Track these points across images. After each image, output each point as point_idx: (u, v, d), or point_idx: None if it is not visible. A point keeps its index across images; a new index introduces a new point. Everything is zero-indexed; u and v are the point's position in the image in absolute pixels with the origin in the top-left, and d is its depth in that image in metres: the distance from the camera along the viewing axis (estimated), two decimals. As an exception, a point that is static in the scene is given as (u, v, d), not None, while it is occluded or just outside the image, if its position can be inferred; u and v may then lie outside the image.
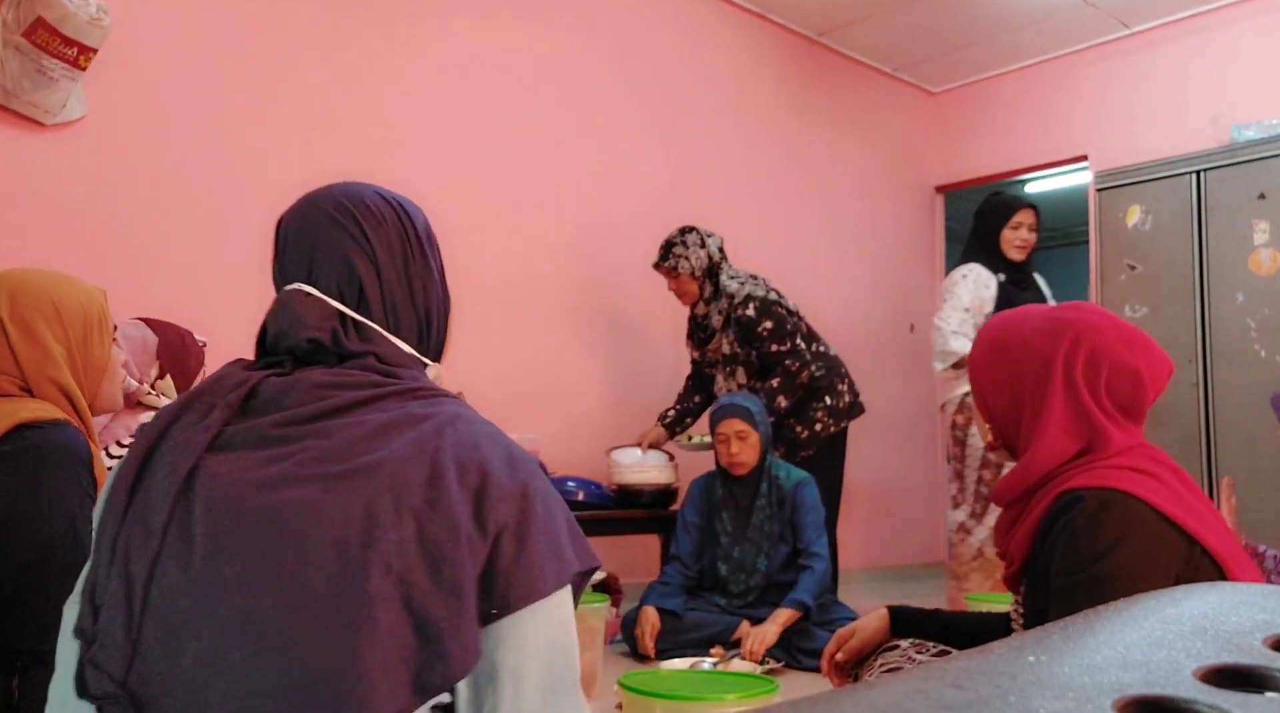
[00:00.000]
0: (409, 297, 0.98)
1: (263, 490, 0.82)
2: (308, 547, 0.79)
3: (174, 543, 0.82)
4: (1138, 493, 1.21)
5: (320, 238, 0.96)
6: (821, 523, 3.19)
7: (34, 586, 1.33)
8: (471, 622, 0.79)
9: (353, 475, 0.82)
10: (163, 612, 0.80)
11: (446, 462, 0.83)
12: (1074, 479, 1.26)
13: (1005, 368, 1.36)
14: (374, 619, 0.76)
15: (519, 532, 0.82)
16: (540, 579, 0.82)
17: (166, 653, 0.78)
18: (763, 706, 1.64)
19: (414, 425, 0.85)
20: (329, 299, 0.94)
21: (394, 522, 0.79)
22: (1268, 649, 0.32)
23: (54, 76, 2.72)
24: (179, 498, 0.83)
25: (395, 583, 0.78)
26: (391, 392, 0.89)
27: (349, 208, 0.97)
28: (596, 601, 2.47)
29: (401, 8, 3.62)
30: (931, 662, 0.82)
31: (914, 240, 5.78)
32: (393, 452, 0.83)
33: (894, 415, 5.48)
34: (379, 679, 0.75)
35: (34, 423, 1.40)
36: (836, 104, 5.32)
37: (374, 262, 0.95)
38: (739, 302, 3.50)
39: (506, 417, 3.65)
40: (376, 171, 3.47)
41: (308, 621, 0.77)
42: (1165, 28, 4.93)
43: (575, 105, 4.13)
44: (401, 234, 0.98)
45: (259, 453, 0.85)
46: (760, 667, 2.80)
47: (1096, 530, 1.19)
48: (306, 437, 0.85)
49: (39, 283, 1.51)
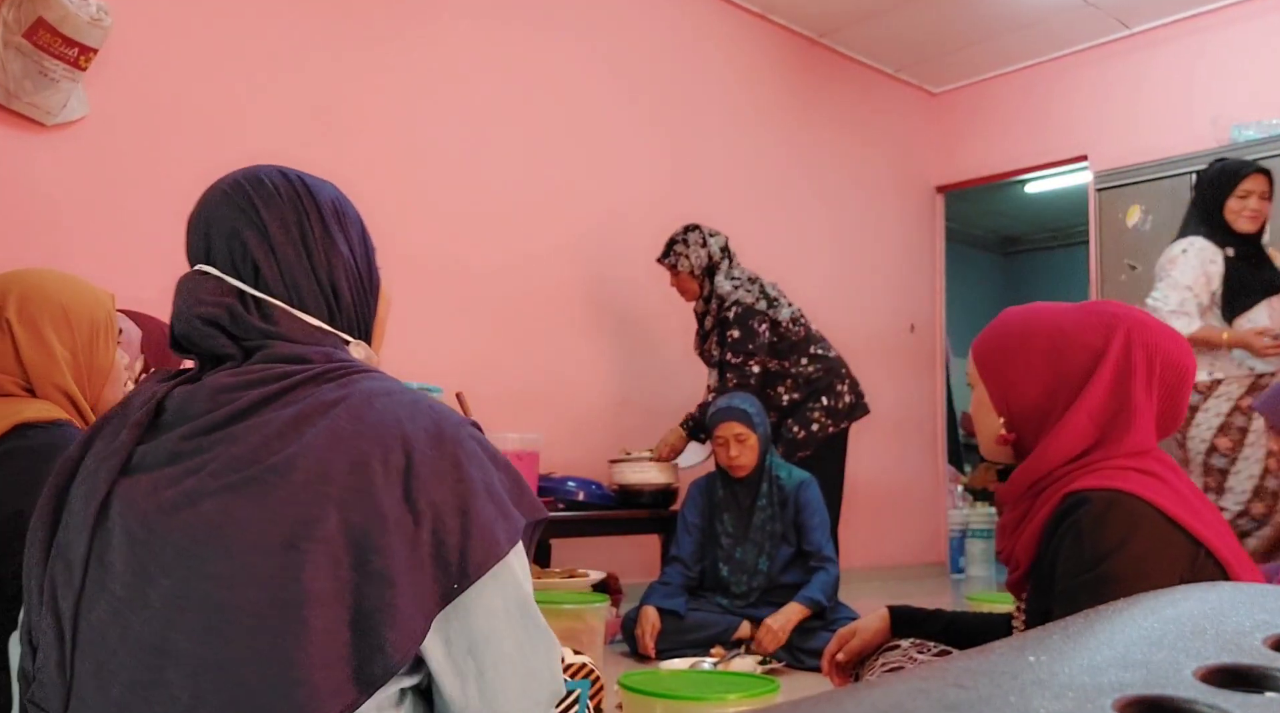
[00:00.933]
0: (310, 271, 0.94)
1: (179, 509, 0.81)
2: (231, 558, 0.78)
3: (95, 575, 0.81)
4: (1143, 494, 1.20)
5: (213, 216, 0.94)
6: (827, 525, 3.19)
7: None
8: (410, 607, 0.78)
9: (266, 478, 0.80)
10: (92, 645, 0.80)
11: (366, 446, 0.81)
12: (1080, 480, 1.25)
13: (1042, 361, 1.33)
14: (306, 621, 0.76)
15: (460, 505, 0.82)
16: (494, 544, 0.82)
17: (99, 687, 0.79)
18: (763, 706, 1.64)
19: (326, 413, 0.83)
20: (226, 277, 0.92)
21: (316, 517, 0.79)
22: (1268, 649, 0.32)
23: (55, 77, 2.72)
24: (95, 530, 0.83)
25: (324, 580, 0.77)
26: (300, 380, 0.87)
27: (243, 185, 0.95)
28: (596, 601, 2.47)
29: (402, 7, 3.62)
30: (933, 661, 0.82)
31: (914, 240, 5.78)
32: (305, 445, 0.81)
33: (894, 415, 5.48)
34: (320, 680, 0.75)
35: (35, 423, 1.40)
36: (837, 104, 5.32)
37: (266, 236, 0.93)
38: (727, 305, 3.50)
39: (507, 417, 3.66)
40: (376, 171, 3.49)
41: (240, 632, 0.76)
42: (1165, 28, 4.93)
43: (578, 105, 4.14)
44: (298, 208, 0.95)
45: (170, 470, 0.84)
46: (761, 667, 2.80)
47: (1102, 531, 1.18)
48: (216, 445, 0.84)
49: (50, 285, 1.52)
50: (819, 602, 2.99)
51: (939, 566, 5.70)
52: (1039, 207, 7.60)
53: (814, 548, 3.14)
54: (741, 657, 2.87)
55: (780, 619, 2.94)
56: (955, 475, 6.07)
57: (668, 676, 2.13)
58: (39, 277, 1.53)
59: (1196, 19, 4.82)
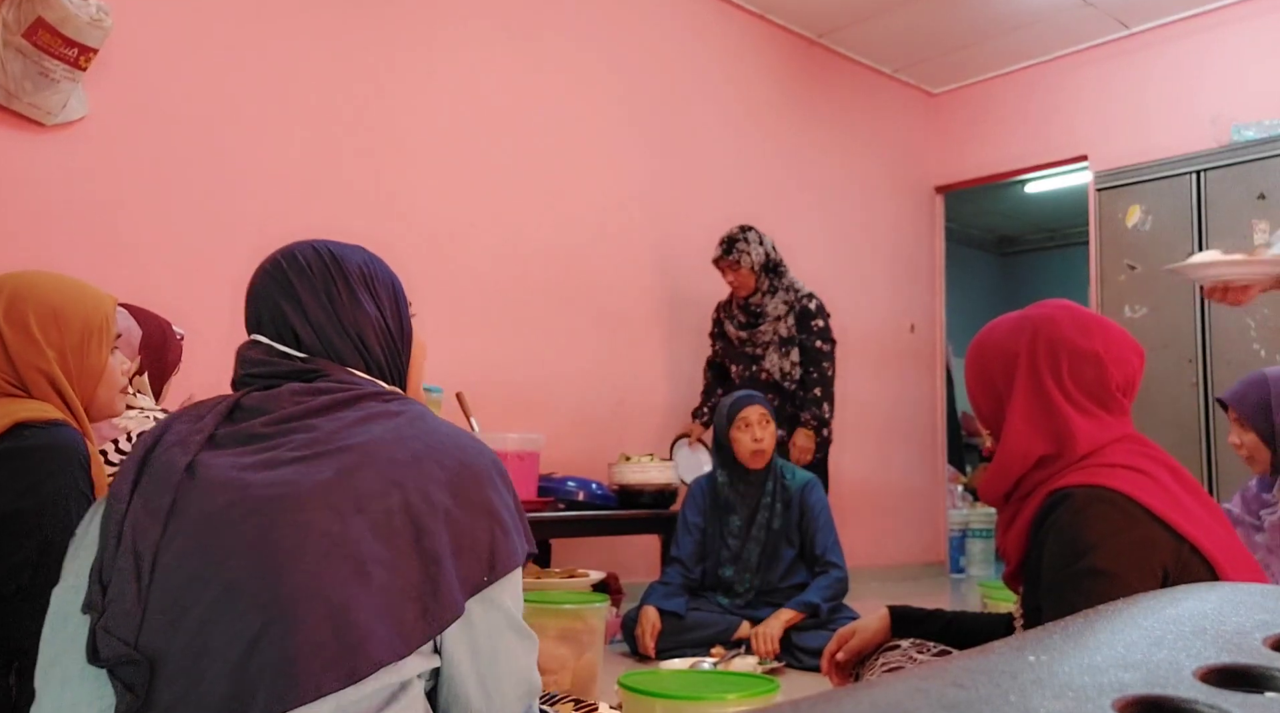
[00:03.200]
0: (341, 330, 1.11)
1: (258, 470, 0.94)
2: (303, 511, 0.90)
3: (176, 524, 0.92)
4: (1126, 490, 1.22)
5: (259, 293, 1.12)
6: (834, 529, 3.19)
7: (31, 586, 1.34)
8: (451, 585, 0.92)
9: (338, 455, 0.95)
10: (168, 581, 0.90)
11: (423, 447, 0.98)
12: (1065, 478, 1.27)
13: (982, 371, 1.39)
14: (369, 575, 0.89)
15: (494, 515, 0.98)
16: (516, 552, 0.99)
17: (172, 619, 0.88)
18: (763, 706, 1.64)
19: (390, 418, 1.01)
20: (274, 343, 1.09)
21: (381, 492, 0.93)
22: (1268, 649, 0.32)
23: (55, 78, 2.72)
24: (179, 486, 0.94)
25: (384, 545, 0.90)
26: (364, 393, 1.04)
27: (280, 262, 1.13)
28: (596, 601, 2.46)
29: (401, 10, 3.62)
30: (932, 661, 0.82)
31: (913, 241, 5.78)
32: (374, 436, 0.97)
33: (894, 415, 5.48)
34: (375, 628, 0.87)
35: (32, 422, 1.40)
36: (836, 105, 5.32)
37: (300, 306, 1.10)
38: (804, 294, 3.84)
39: (507, 417, 3.66)
40: (376, 171, 3.49)
41: (305, 578, 0.87)
42: (1165, 28, 4.93)
43: (576, 106, 4.13)
44: (326, 277, 1.11)
45: (250, 447, 0.98)
46: (760, 667, 2.80)
47: (1082, 527, 1.20)
48: (293, 431, 0.98)
49: (44, 286, 1.51)
50: (813, 606, 2.98)
51: (939, 565, 5.70)
52: (1039, 207, 7.60)
53: (820, 551, 3.13)
54: (741, 657, 2.87)
55: (772, 626, 2.93)
56: (955, 475, 6.07)
57: (668, 676, 2.13)
58: (34, 277, 1.53)
59: (1196, 19, 4.82)
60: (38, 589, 1.34)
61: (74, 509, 1.39)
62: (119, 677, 0.87)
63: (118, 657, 0.87)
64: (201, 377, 2.53)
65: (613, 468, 3.66)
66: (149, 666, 0.86)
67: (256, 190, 3.21)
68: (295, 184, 3.30)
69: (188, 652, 0.86)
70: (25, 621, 1.33)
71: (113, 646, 0.87)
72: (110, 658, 0.87)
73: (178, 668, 0.86)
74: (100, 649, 0.88)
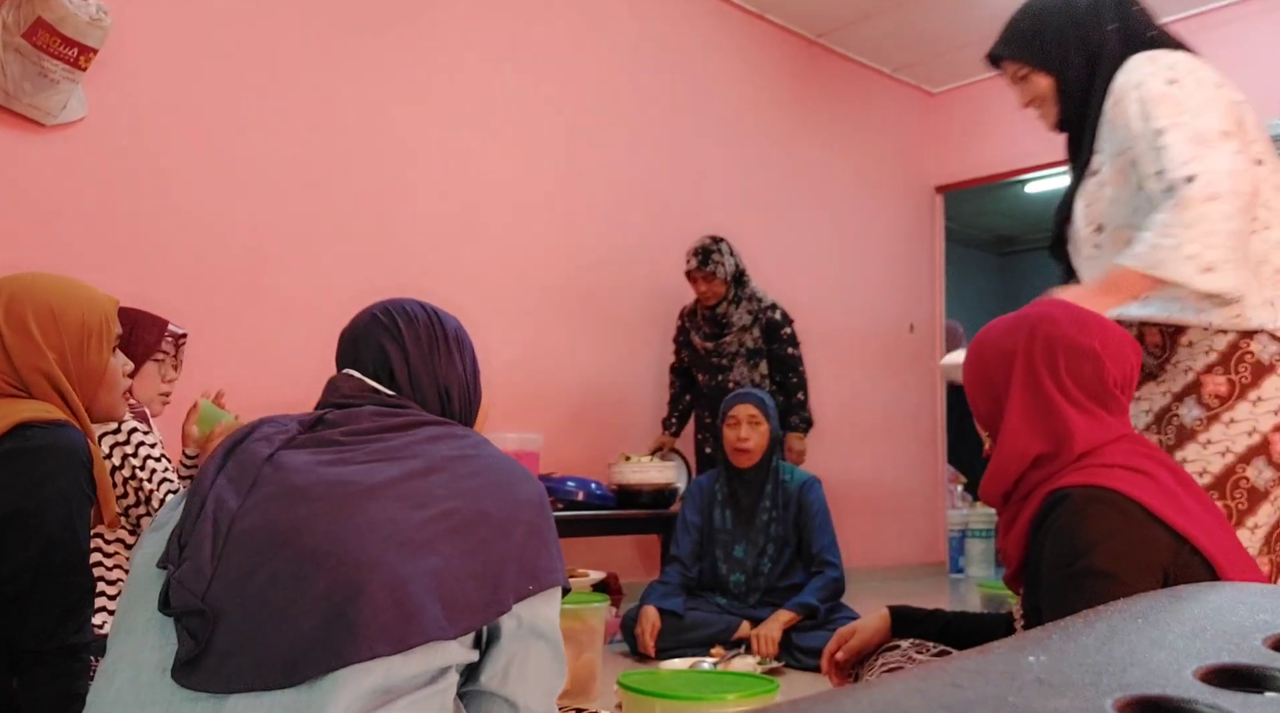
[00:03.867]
0: (433, 376, 1.25)
1: (330, 466, 1.05)
2: (374, 499, 1.00)
3: (255, 499, 1.02)
4: (1125, 490, 1.21)
5: (362, 333, 1.26)
6: (832, 528, 3.18)
7: (33, 586, 1.33)
8: (499, 584, 1.01)
9: (406, 461, 1.06)
10: (242, 545, 0.98)
11: (483, 467, 1.09)
12: (1064, 478, 1.26)
13: (981, 371, 1.39)
14: (427, 560, 0.97)
15: (540, 536, 1.07)
16: (555, 571, 1.08)
17: (242, 577, 0.96)
18: (763, 706, 1.64)
19: (457, 439, 1.13)
20: (365, 378, 1.22)
21: (442, 496, 1.03)
22: (1268, 649, 0.32)
23: (54, 78, 2.72)
24: (260, 470, 1.05)
25: (442, 539, 0.99)
26: (432, 420, 1.17)
27: (390, 311, 1.27)
28: (596, 601, 2.46)
29: (399, 8, 3.62)
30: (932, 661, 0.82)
31: (913, 240, 5.78)
32: (439, 453, 1.09)
33: (894, 415, 5.48)
34: (429, 606, 0.94)
35: (35, 422, 1.40)
36: (836, 104, 5.32)
37: (404, 349, 1.24)
38: (767, 306, 3.91)
39: (507, 416, 3.66)
40: (374, 171, 3.49)
41: (371, 552, 0.95)
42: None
43: (576, 106, 4.13)
44: (430, 330, 1.26)
45: (326, 449, 1.09)
46: (760, 667, 2.80)
47: (1081, 527, 1.20)
48: (369, 443, 1.10)
49: (42, 288, 1.51)
50: (811, 607, 2.98)
51: (939, 565, 5.70)
52: (1039, 207, 7.59)
53: (818, 551, 3.13)
54: (741, 657, 2.87)
55: (771, 628, 2.93)
56: (955, 475, 6.07)
57: (668, 676, 2.13)
58: (33, 279, 1.53)
59: (1197, 19, 4.82)
60: (39, 591, 1.34)
61: (76, 510, 1.39)
62: (185, 625, 0.95)
63: (186, 607, 0.95)
64: (202, 376, 2.53)
65: (612, 468, 3.66)
66: (214, 617, 0.94)
67: (256, 191, 3.21)
68: (295, 184, 3.30)
69: (250, 607, 0.94)
70: (27, 622, 1.33)
71: (183, 597, 0.95)
72: (179, 608, 0.95)
73: (238, 620, 0.93)
74: (172, 600, 0.96)
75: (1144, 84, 1.74)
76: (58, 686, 1.33)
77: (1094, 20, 1.89)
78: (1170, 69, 1.76)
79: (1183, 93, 1.72)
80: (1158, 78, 1.74)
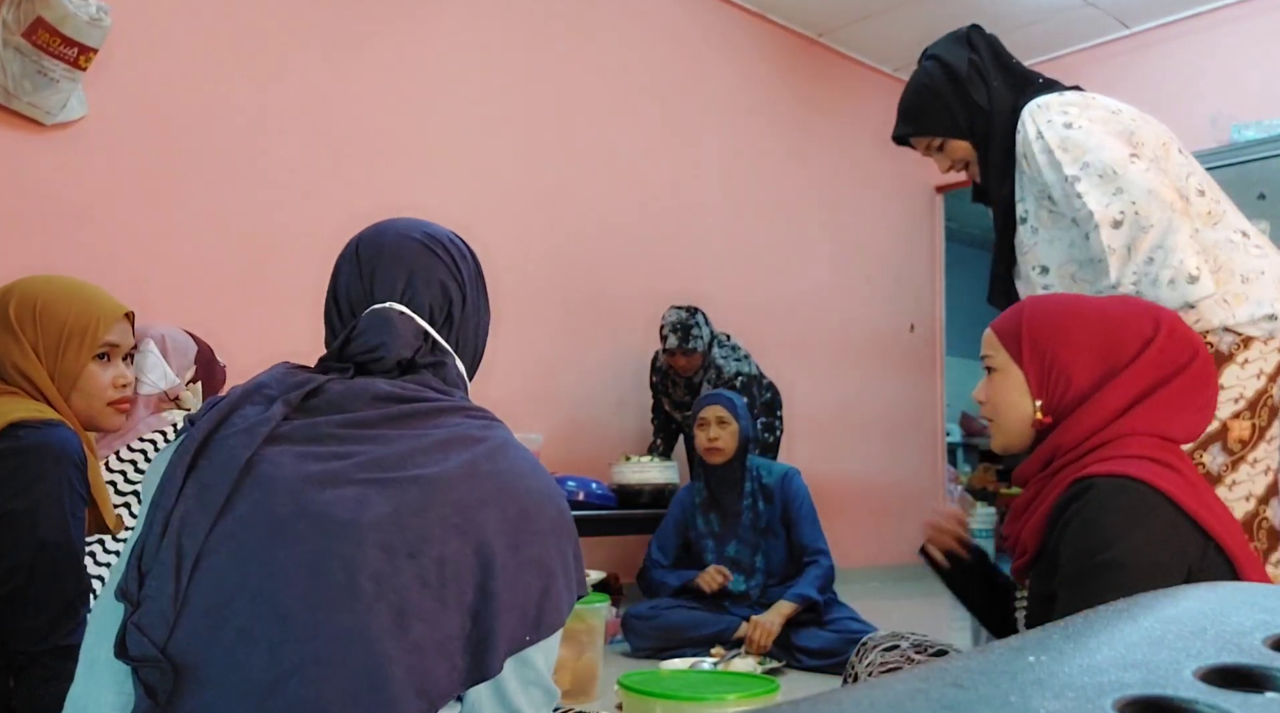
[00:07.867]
0: (475, 327, 1.09)
1: (321, 485, 0.87)
2: (361, 548, 0.85)
3: (227, 525, 0.86)
4: (1154, 482, 1.18)
5: (417, 263, 1.04)
6: (816, 517, 3.20)
7: (26, 587, 1.33)
8: (491, 642, 0.87)
9: (406, 488, 0.88)
10: (210, 586, 0.84)
11: (493, 489, 0.91)
12: (1090, 467, 1.23)
13: (1097, 345, 1.32)
14: (408, 628, 0.84)
15: (548, 571, 0.92)
16: (561, 613, 0.93)
17: (211, 625, 0.83)
18: (763, 706, 1.64)
19: (469, 446, 0.93)
20: (419, 319, 1.02)
21: (438, 538, 0.86)
22: (1268, 649, 0.32)
23: (54, 77, 2.72)
24: (238, 483, 0.88)
25: (429, 597, 0.85)
26: (448, 407, 0.97)
27: (440, 241, 1.07)
28: (597, 600, 2.47)
29: (398, 8, 3.62)
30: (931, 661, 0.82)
31: (913, 240, 5.78)
32: (446, 470, 0.90)
33: (894, 415, 5.48)
34: (407, 688, 0.82)
35: (28, 422, 1.39)
36: (836, 104, 5.32)
37: (463, 290, 1.06)
38: (728, 378, 3.81)
39: (507, 416, 3.65)
40: (373, 170, 3.49)
41: (352, 622, 0.83)
42: (1165, 28, 4.93)
43: (576, 106, 4.13)
44: (476, 272, 1.10)
45: (318, 448, 0.91)
46: (760, 667, 2.80)
47: (1108, 517, 1.16)
48: (366, 441, 0.91)
49: (41, 286, 1.52)
50: (809, 597, 2.99)
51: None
52: (1039, 206, 7.59)
53: (805, 541, 3.14)
54: (741, 657, 2.87)
55: (771, 618, 2.94)
56: (955, 475, 6.07)
57: (667, 676, 2.13)
58: (45, 279, 1.55)
59: (1196, 19, 4.82)
60: (32, 593, 1.34)
61: (69, 510, 1.38)
62: (142, 678, 0.83)
63: (144, 658, 0.83)
64: (201, 376, 2.53)
65: (612, 468, 3.66)
66: (174, 673, 0.82)
67: (256, 190, 3.21)
68: (295, 184, 3.30)
69: (222, 666, 0.82)
70: (21, 623, 1.33)
71: (141, 645, 0.83)
72: (137, 655, 0.84)
73: (206, 680, 0.82)
74: (129, 647, 0.84)
75: (1044, 135, 1.82)
76: (53, 687, 1.33)
77: (978, 78, 2.04)
78: (1063, 113, 1.84)
79: (1081, 133, 1.79)
80: (1054, 125, 1.82)
